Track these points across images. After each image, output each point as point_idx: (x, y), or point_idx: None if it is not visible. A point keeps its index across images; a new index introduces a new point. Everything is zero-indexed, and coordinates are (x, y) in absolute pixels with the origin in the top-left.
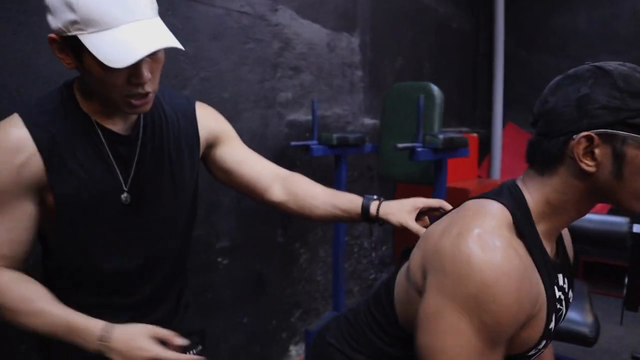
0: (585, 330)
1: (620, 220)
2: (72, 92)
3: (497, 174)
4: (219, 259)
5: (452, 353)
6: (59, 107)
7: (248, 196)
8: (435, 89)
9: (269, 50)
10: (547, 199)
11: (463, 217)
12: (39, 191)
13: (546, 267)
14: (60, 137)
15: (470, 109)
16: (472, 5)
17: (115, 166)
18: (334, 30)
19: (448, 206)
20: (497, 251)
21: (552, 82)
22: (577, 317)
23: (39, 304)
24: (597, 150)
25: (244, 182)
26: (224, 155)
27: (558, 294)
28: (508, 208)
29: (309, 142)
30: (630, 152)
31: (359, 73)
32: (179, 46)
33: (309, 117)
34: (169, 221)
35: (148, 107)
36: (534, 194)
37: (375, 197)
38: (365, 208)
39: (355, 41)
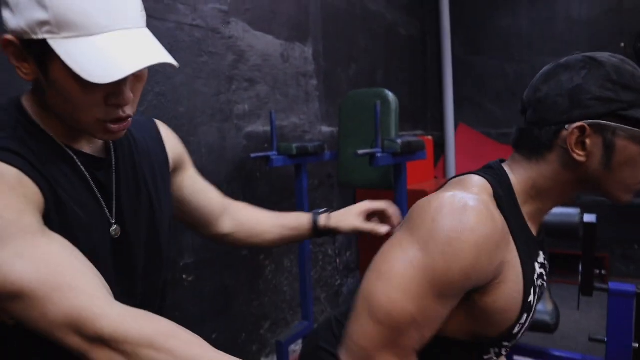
0: (546, 318)
1: (572, 211)
2: (25, 111)
3: (452, 174)
4: (184, 276)
5: (398, 286)
6: (17, 129)
7: (194, 228)
8: (390, 94)
9: (223, 63)
10: (534, 182)
11: (448, 187)
12: None
13: (527, 243)
14: (40, 165)
15: (423, 111)
16: (418, 11)
17: (99, 195)
18: (287, 41)
19: (393, 208)
20: (470, 208)
21: (543, 71)
22: (539, 306)
23: (198, 348)
24: (588, 141)
25: (196, 214)
26: (183, 182)
27: (539, 270)
28: (489, 182)
29: (269, 153)
30: (620, 143)
31: (314, 82)
32: (173, 62)
33: (267, 128)
34: (155, 252)
35: (124, 133)
36: (518, 175)
37: (321, 210)
38: (314, 222)
39: (308, 50)
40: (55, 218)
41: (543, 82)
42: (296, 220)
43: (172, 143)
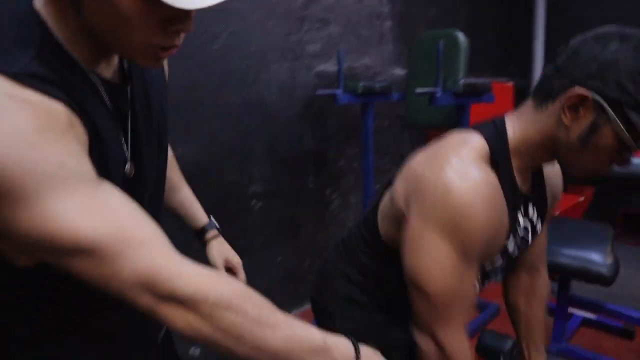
0: (603, 270)
1: None
2: (46, 26)
3: None
4: (253, 202)
5: (435, 270)
6: (44, 54)
7: None
8: (459, 35)
9: (295, 4)
10: (526, 135)
11: (445, 147)
12: None
13: (513, 196)
14: (77, 98)
15: (510, 58)
16: None
17: (120, 132)
18: None
19: (239, 269)
20: (471, 180)
21: (602, 30)
22: (597, 258)
23: (269, 311)
24: (582, 110)
25: None
26: None
27: (523, 222)
28: (487, 140)
29: (335, 91)
30: (605, 131)
31: (388, 23)
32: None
33: (336, 68)
34: (160, 185)
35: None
36: (517, 129)
37: (215, 228)
38: (200, 232)
39: None
40: (97, 159)
41: (594, 40)
42: (192, 215)
43: (166, 68)
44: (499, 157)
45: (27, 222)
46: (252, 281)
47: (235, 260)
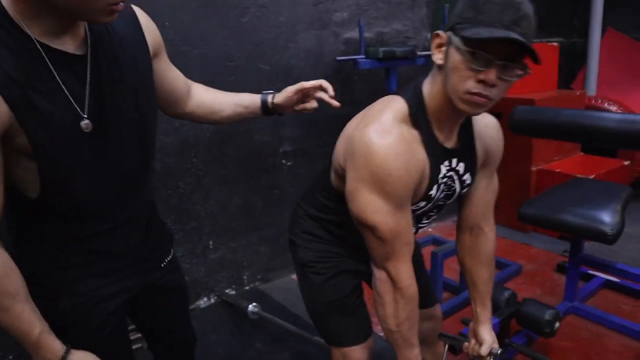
0: (606, 228)
1: None
2: (6, 14)
3: (592, 87)
4: (283, 161)
5: (374, 216)
6: None
7: (161, 108)
8: None
9: None
10: (434, 93)
11: (371, 111)
12: (8, 136)
13: (433, 149)
14: (15, 72)
15: (566, 17)
16: None
17: (67, 93)
18: None
19: (327, 85)
20: (388, 140)
21: None
22: (602, 217)
23: (21, 305)
24: (443, 48)
25: (165, 95)
26: (157, 68)
27: (445, 171)
28: (407, 102)
29: (357, 57)
30: (451, 51)
31: None
32: None
33: (365, 34)
34: (135, 143)
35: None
36: (429, 90)
37: (271, 92)
38: (263, 101)
39: None
40: (26, 116)
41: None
42: (249, 99)
43: (151, 31)
44: (417, 116)
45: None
46: (283, 233)
47: (310, 83)
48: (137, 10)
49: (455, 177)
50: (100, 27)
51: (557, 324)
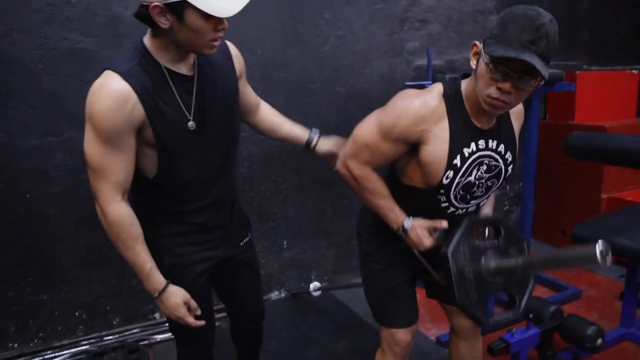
0: None
1: None
2: (147, 50)
3: None
4: None
5: (368, 124)
6: (142, 62)
7: (242, 116)
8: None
9: (397, 8)
10: (467, 87)
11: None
12: (140, 130)
13: (465, 128)
14: (149, 86)
15: None
16: None
17: (180, 102)
18: None
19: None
20: (416, 99)
21: None
22: None
23: (133, 242)
24: (477, 56)
25: (242, 106)
26: (240, 87)
27: (476, 148)
28: (444, 88)
29: (424, 82)
30: (481, 62)
31: (493, 18)
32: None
33: (437, 62)
34: (224, 141)
35: (216, 50)
36: (467, 85)
37: (318, 133)
38: (309, 140)
39: None
40: (155, 118)
41: None
42: (298, 133)
43: (238, 60)
44: (449, 97)
45: (86, 137)
46: (350, 235)
47: (338, 142)
48: (229, 44)
49: (498, 158)
50: (203, 60)
51: (599, 340)
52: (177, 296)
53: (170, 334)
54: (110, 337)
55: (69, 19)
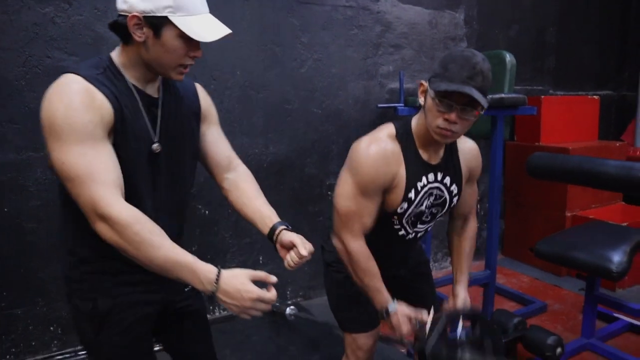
0: (612, 266)
1: None
2: (113, 63)
3: None
4: (329, 192)
5: (341, 192)
6: (107, 72)
7: (209, 173)
8: (507, 56)
9: (372, 34)
10: (417, 124)
11: (373, 131)
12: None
13: (416, 164)
14: (116, 93)
15: (616, 71)
16: None
17: (148, 123)
18: (436, 9)
19: (299, 245)
20: (371, 147)
21: None
22: (611, 255)
23: (160, 237)
24: (425, 93)
25: (207, 162)
26: (205, 133)
27: (427, 182)
28: (395, 127)
29: (397, 105)
30: (428, 98)
31: (464, 45)
32: (230, 32)
33: (409, 85)
34: (184, 167)
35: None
36: (417, 122)
37: (284, 226)
38: (271, 231)
39: (459, 16)
40: (120, 128)
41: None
42: (264, 219)
43: (204, 99)
44: (401, 136)
45: (54, 152)
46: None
47: (299, 241)
48: (198, 86)
49: (443, 189)
50: (169, 83)
51: (559, 349)
52: (238, 275)
53: None
54: (84, 352)
55: (53, 37)
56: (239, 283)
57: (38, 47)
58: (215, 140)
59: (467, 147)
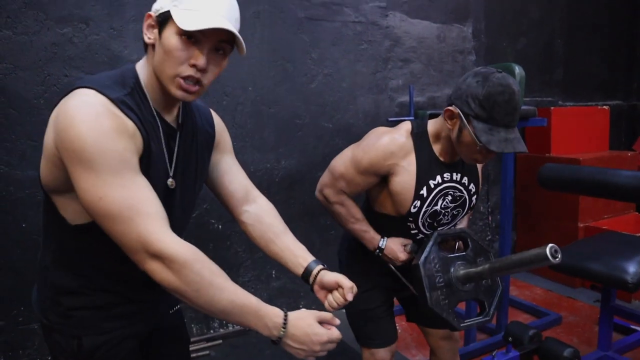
0: (627, 277)
1: None
2: (139, 82)
3: None
4: None
5: (343, 159)
6: (133, 94)
7: (223, 204)
8: (516, 68)
9: (381, 48)
10: (435, 131)
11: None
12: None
13: (430, 162)
14: (144, 122)
15: (625, 81)
16: None
17: (166, 154)
18: (444, 24)
19: (347, 288)
20: (385, 136)
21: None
22: (626, 266)
23: (222, 279)
24: (455, 119)
25: (221, 194)
26: (218, 162)
27: (441, 180)
28: (412, 126)
29: (406, 118)
30: (465, 131)
31: (472, 57)
32: (242, 42)
33: (419, 98)
34: (193, 198)
35: (192, 98)
36: (432, 125)
37: (322, 265)
38: (306, 273)
39: (467, 30)
40: (144, 160)
41: (463, 76)
42: (297, 257)
43: (219, 128)
44: (416, 134)
45: (87, 185)
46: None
47: (347, 283)
48: (213, 113)
49: (462, 188)
50: (187, 111)
51: None
52: (304, 317)
53: None
54: None
55: (71, 57)
56: (307, 325)
57: (56, 66)
58: (229, 170)
59: None
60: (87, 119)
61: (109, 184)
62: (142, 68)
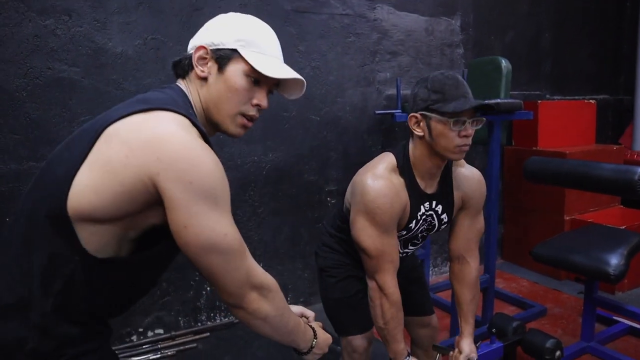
0: (609, 269)
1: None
2: (192, 103)
3: (639, 143)
4: (328, 199)
5: (365, 237)
6: (190, 114)
7: None
8: (503, 62)
9: (368, 41)
10: (414, 154)
11: (371, 164)
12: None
13: (415, 194)
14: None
15: (612, 75)
16: None
17: None
18: (432, 17)
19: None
20: (379, 183)
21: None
22: (608, 258)
23: (288, 309)
24: (421, 124)
25: None
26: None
27: (424, 210)
28: (396, 157)
29: (394, 111)
30: (433, 124)
31: (460, 51)
32: (303, 80)
33: (407, 91)
34: None
35: (242, 134)
36: (414, 152)
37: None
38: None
39: (455, 23)
40: None
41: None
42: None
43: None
44: (403, 168)
45: (208, 220)
46: None
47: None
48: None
49: (435, 216)
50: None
51: (558, 353)
52: (318, 324)
53: (147, 355)
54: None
55: (54, 49)
56: (322, 332)
57: (39, 58)
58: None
59: (465, 175)
60: (210, 155)
61: (231, 222)
62: (188, 86)
